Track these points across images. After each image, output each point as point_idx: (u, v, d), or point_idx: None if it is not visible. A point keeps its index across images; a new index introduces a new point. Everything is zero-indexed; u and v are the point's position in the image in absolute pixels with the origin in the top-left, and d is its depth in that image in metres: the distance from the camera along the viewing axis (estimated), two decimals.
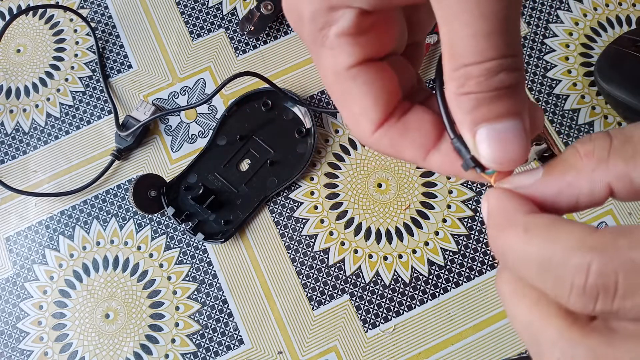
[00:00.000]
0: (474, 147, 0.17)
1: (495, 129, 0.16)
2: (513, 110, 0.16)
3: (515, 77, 0.16)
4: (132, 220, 0.49)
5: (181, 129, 0.51)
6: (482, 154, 0.16)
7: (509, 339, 0.44)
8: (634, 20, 0.51)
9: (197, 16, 0.54)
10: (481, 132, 0.16)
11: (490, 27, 0.15)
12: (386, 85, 0.18)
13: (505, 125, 0.16)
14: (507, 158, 0.16)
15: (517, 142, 0.16)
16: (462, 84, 0.16)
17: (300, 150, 0.48)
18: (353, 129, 0.19)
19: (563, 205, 0.16)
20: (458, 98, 0.16)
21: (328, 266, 0.46)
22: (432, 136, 0.19)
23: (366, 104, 0.18)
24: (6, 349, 0.47)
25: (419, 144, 0.18)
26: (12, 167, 0.51)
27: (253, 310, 0.46)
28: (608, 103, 0.48)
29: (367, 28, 0.17)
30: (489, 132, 0.16)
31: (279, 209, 0.48)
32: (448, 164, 0.18)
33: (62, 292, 0.47)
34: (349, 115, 0.19)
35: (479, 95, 0.16)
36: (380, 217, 0.47)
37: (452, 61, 0.16)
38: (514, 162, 0.16)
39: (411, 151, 0.19)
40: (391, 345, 0.44)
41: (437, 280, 0.46)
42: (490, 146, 0.16)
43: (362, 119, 0.19)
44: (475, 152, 0.17)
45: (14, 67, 0.54)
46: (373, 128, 0.19)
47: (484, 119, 0.16)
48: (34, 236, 0.49)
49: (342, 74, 0.18)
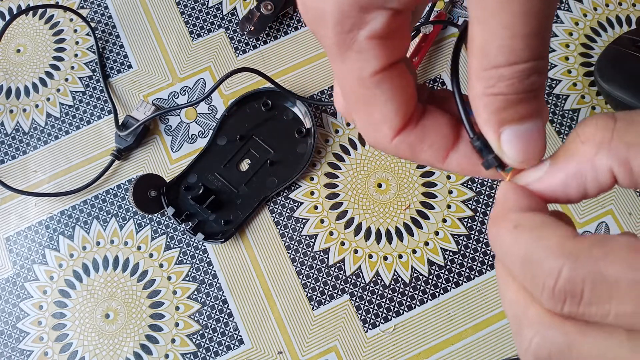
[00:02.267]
0: (498, 147, 0.17)
1: (520, 129, 0.16)
2: (537, 111, 0.16)
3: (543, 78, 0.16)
4: (132, 220, 0.49)
5: (181, 129, 0.51)
6: (508, 154, 0.17)
7: (509, 339, 0.44)
8: (634, 20, 0.51)
9: (197, 16, 0.54)
10: (507, 133, 0.16)
11: (530, 28, 0.14)
12: (407, 90, 0.18)
13: (529, 126, 0.16)
14: (530, 157, 0.17)
15: (539, 140, 0.17)
16: (492, 85, 0.15)
17: (300, 150, 0.48)
18: (371, 136, 0.19)
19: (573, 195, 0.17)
20: (486, 98, 0.16)
21: (328, 266, 0.46)
22: (449, 138, 0.19)
23: (388, 111, 0.18)
24: (6, 349, 0.47)
25: (437, 147, 0.18)
26: (12, 167, 0.51)
27: (253, 310, 0.46)
28: (608, 103, 0.48)
29: (395, 30, 0.17)
30: (514, 132, 0.16)
31: (279, 209, 0.48)
32: (468, 165, 0.18)
33: (62, 292, 0.47)
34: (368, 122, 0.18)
35: (508, 97, 0.16)
36: (380, 217, 0.47)
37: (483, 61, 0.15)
38: (536, 160, 0.17)
39: (430, 154, 0.19)
40: (391, 345, 0.44)
41: (437, 280, 0.46)
42: (515, 146, 0.17)
43: (382, 126, 0.18)
44: (499, 152, 0.17)
45: (14, 67, 0.54)
46: (393, 135, 0.18)
47: (511, 120, 0.16)
48: (34, 236, 0.49)
49: (366, 80, 0.17)
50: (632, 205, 0.46)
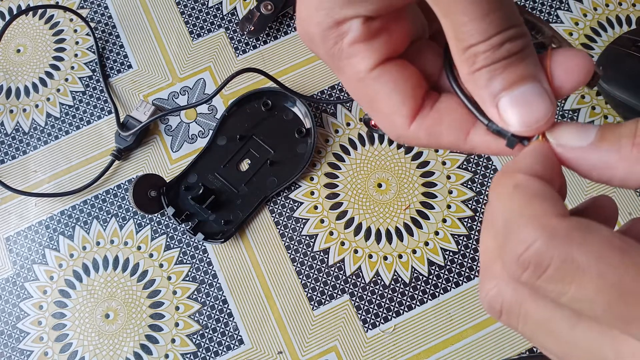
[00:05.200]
0: (500, 118, 0.17)
1: (514, 95, 0.17)
2: (526, 74, 0.17)
3: (521, 43, 0.16)
4: (132, 220, 0.49)
5: (181, 129, 0.51)
6: (509, 121, 0.17)
7: (509, 339, 0.44)
8: (634, 20, 0.51)
9: (197, 16, 0.54)
10: (503, 101, 0.17)
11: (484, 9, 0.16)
12: (410, 80, 0.19)
13: (523, 89, 0.17)
14: (534, 119, 0.17)
15: (540, 102, 0.17)
16: (473, 63, 0.16)
17: (300, 150, 0.48)
18: (389, 130, 0.20)
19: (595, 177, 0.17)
20: (472, 76, 0.17)
21: (328, 266, 0.46)
22: (468, 118, 0.19)
23: (394, 101, 0.19)
24: (6, 349, 0.47)
25: (457, 127, 0.19)
26: (12, 167, 0.51)
27: (253, 310, 0.46)
28: (608, 103, 0.48)
29: (377, 31, 0.18)
30: (509, 99, 0.17)
31: (279, 209, 0.48)
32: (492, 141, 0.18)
33: (62, 292, 0.47)
34: (381, 117, 0.20)
35: (490, 67, 0.16)
36: (380, 217, 0.47)
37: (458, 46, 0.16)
38: (542, 121, 0.17)
39: (450, 135, 0.19)
40: (391, 345, 0.44)
41: (437, 280, 0.46)
42: (514, 112, 0.17)
43: (395, 117, 0.19)
44: (503, 123, 0.17)
45: (14, 67, 0.54)
46: (407, 122, 0.19)
47: (501, 89, 0.17)
48: (34, 236, 0.49)
49: (365, 78, 0.19)
50: (632, 205, 0.46)
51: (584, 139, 0.17)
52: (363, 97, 0.19)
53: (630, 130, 0.16)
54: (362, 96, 0.19)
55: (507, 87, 0.17)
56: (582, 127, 0.17)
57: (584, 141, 0.17)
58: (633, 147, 0.16)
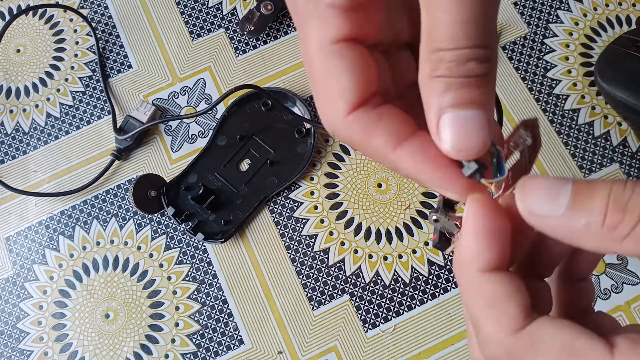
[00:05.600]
0: (436, 130, 0.17)
1: (458, 115, 0.16)
2: (478, 100, 0.16)
3: (485, 68, 0.16)
4: (132, 220, 0.49)
5: (181, 129, 0.51)
6: (443, 138, 0.17)
7: None
8: (634, 20, 0.51)
9: (197, 16, 0.54)
10: (445, 117, 0.17)
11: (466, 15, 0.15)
12: (366, 70, 0.18)
13: (468, 113, 0.16)
14: (466, 145, 0.17)
15: (478, 131, 0.17)
16: (436, 67, 0.16)
17: (300, 150, 0.48)
18: (325, 110, 0.19)
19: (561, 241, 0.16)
20: (430, 80, 0.17)
21: (328, 266, 0.46)
22: (405, 128, 0.18)
23: (345, 83, 0.18)
24: (6, 349, 0.47)
25: (391, 132, 0.18)
26: (12, 167, 0.51)
27: (253, 310, 0.46)
28: (608, 103, 0.48)
29: (357, 7, 0.18)
30: (452, 117, 0.17)
31: (279, 209, 0.48)
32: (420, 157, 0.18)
33: (62, 292, 0.47)
34: (325, 94, 0.19)
35: (448, 79, 0.16)
36: (380, 217, 0.47)
37: (429, 45, 0.16)
38: (472, 150, 0.17)
39: (382, 138, 0.18)
40: (391, 345, 0.44)
41: (437, 280, 0.46)
42: (452, 132, 0.17)
43: (338, 99, 0.18)
44: (437, 137, 0.17)
45: (14, 67, 0.54)
46: (348, 109, 0.18)
47: (450, 104, 0.16)
48: (34, 236, 0.49)
49: (326, 47, 0.18)
50: None
51: (554, 208, 0.16)
52: (316, 69, 0.18)
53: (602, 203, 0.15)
54: (315, 68, 0.18)
55: (455, 106, 0.16)
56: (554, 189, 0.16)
57: (555, 211, 0.16)
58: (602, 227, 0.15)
